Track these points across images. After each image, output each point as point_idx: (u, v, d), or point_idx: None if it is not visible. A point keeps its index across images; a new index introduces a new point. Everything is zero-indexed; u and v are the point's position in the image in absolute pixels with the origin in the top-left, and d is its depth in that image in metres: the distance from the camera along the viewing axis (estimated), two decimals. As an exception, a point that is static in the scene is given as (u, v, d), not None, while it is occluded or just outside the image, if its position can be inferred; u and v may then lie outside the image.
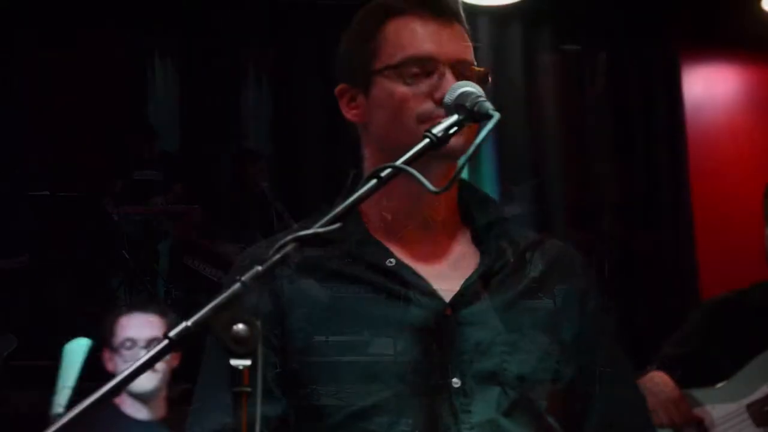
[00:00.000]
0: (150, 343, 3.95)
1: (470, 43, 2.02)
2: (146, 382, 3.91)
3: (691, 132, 5.40)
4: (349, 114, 2.05)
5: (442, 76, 1.95)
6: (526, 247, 2.08)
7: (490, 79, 1.99)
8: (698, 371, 3.80)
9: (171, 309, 4.05)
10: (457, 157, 1.88)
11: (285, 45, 4.93)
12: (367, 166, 2.05)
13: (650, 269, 4.99)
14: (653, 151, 5.24)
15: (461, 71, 1.96)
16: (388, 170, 1.74)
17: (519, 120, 4.99)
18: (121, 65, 5.29)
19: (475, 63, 2.00)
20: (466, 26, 2.02)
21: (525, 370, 1.94)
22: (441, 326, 1.95)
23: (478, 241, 2.06)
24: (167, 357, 2.50)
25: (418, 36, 1.99)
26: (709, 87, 5.68)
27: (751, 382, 3.85)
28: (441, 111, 1.89)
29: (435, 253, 2.04)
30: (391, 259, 1.99)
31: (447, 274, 2.01)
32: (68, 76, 4.96)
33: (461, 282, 1.98)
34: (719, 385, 3.88)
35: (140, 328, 4.02)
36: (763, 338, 3.88)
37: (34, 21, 4.79)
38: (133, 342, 3.99)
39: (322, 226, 1.69)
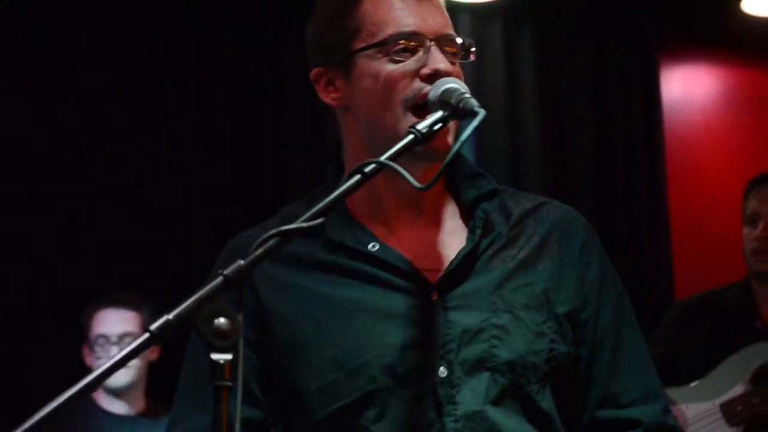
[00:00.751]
0: (122, 339, 3.92)
1: (448, 18, 1.99)
2: (120, 377, 3.88)
3: (668, 131, 5.41)
4: (328, 98, 2.00)
5: (428, 51, 1.91)
6: (521, 215, 2.01)
7: (473, 52, 1.97)
8: (673, 370, 3.82)
9: (152, 302, 4.00)
10: (441, 159, 1.85)
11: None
12: (349, 153, 2.02)
13: (626, 268, 4.99)
14: (631, 150, 5.24)
15: (446, 45, 1.93)
16: (373, 165, 1.73)
17: (499, 118, 4.98)
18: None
19: (457, 39, 1.97)
20: (443, 1, 1.99)
21: (515, 355, 1.88)
22: (427, 312, 1.90)
23: (467, 218, 2.01)
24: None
25: (399, 11, 1.93)
26: (687, 87, 5.69)
27: (725, 382, 3.87)
28: (428, 88, 1.87)
29: (423, 233, 1.99)
30: (374, 243, 1.95)
31: (435, 256, 1.96)
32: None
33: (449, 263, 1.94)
34: (693, 384, 3.90)
35: (113, 325, 3.99)
36: (737, 338, 3.90)
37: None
38: (106, 338, 3.97)
39: (305, 221, 1.67)
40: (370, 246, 1.93)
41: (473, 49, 1.98)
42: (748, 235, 4.01)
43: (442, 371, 1.87)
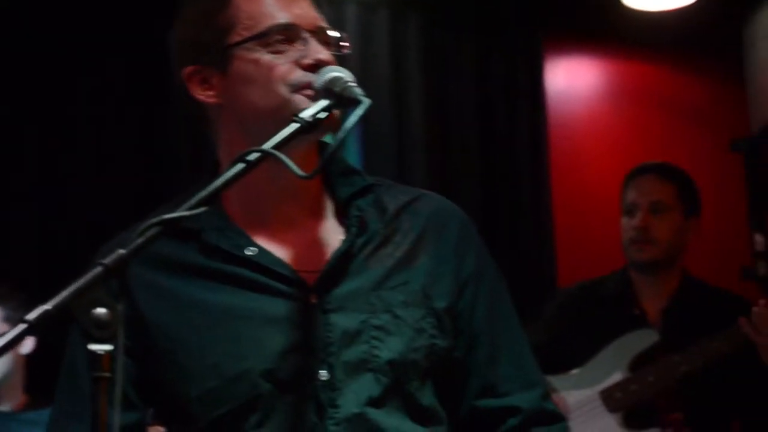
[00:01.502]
0: None
1: (318, 12, 2.00)
2: None
3: (552, 122, 5.47)
4: (203, 96, 1.98)
5: (306, 42, 1.91)
6: (397, 211, 2.01)
7: (347, 45, 1.97)
8: (554, 358, 3.88)
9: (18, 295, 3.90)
10: (334, 131, 1.84)
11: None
12: (226, 150, 2.00)
13: (509, 257, 5.04)
14: (515, 140, 5.29)
15: (322, 38, 1.94)
16: (256, 154, 1.72)
17: (385, 107, 4.99)
18: None
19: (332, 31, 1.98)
20: None
21: (396, 354, 1.88)
22: (307, 316, 1.89)
23: (343, 216, 2.00)
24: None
25: (273, 6, 1.93)
26: (571, 78, 5.77)
27: (605, 369, 3.94)
28: (312, 76, 1.87)
29: (300, 234, 1.98)
30: (252, 248, 1.93)
31: (314, 256, 1.95)
32: None
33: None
34: (574, 371, 3.97)
35: None
36: (617, 326, 3.98)
37: None
38: None
39: (187, 209, 1.65)
40: (247, 250, 1.92)
41: (346, 43, 1.99)
42: (627, 225, 4.09)
43: (324, 374, 1.87)
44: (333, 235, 1.97)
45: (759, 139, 5.52)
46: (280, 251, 1.94)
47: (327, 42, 1.95)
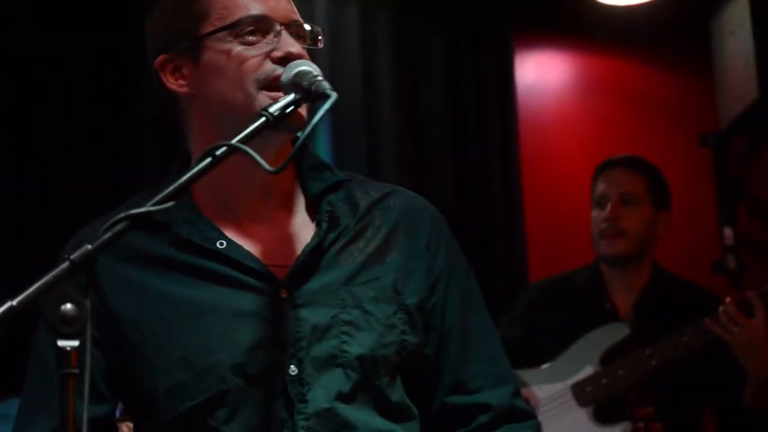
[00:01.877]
0: None
1: (294, 6, 1.99)
2: None
3: (522, 116, 5.47)
4: (175, 85, 1.97)
5: (278, 35, 1.91)
6: (368, 207, 2.01)
7: (321, 39, 1.97)
8: (526, 353, 3.88)
9: None
10: (296, 130, 1.84)
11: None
12: (197, 142, 1.99)
13: (480, 252, 5.04)
14: (486, 134, 5.29)
15: (296, 31, 1.93)
16: (223, 149, 1.71)
17: (355, 101, 4.98)
18: None
19: (305, 25, 1.97)
20: None
21: (365, 350, 1.88)
22: (277, 310, 1.88)
23: (314, 211, 2.00)
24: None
25: None
26: (540, 72, 5.77)
27: (575, 363, 3.95)
28: (282, 70, 1.86)
29: (271, 228, 1.97)
30: (222, 241, 1.92)
31: (285, 251, 1.95)
32: None
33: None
34: (545, 365, 3.98)
35: None
36: (588, 320, 3.99)
37: None
38: None
39: (154, 205, 1.64)
40: (218, 243, 1.91)
41: (321, 37, 1.98)
42: (597, 217, 4.10)
43: (293, 369, 1.87)
44: (303, 230, 1.97)
45: (728, 134, 5.55)
46: (250, 245, 1.93)
47: (301, 35, 1.95)
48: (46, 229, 4.54)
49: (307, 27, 1.98)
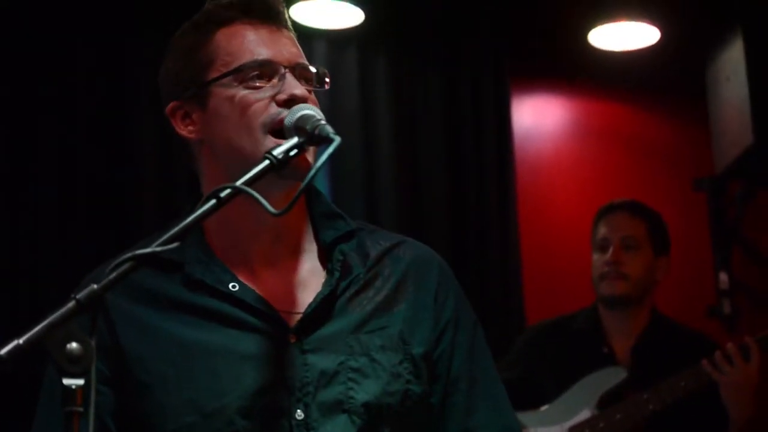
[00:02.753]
0: None
1: (301, 50, 2.01)
2: None
3: (519, 159, 5.50)
4: (185, 131, 1.99)
5: (282, 78, 1.92)
6: (378, 257, 2.03)
7: (328, 81, 1.99)
8: (523, 395, 3.89)
9: None
10: (301, 177, 1.86)
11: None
12: (207, 185, 2.01)
13: (478, 294, 5.05)
14: (484, 177, 5.30)
15: (301, 74, 1.95)
16: (228, 190, 1.73)
17: (354, 143, 5.00)
18: None
19: (311, 67, 1.99)
20: (294, 34, 2.01)
21: (371, 397, 1.89)
22: (285, 355, 1.89)
23: (326, 258, 2.02)
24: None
25: (252, 41, 1.94)
26: (537, 116, 5.81)
27: (574, 406, 3.95)
28: (286, 112, 1.88)
29: (282, 274, 1.98)
30: (234, 284, 1.94)
31: (295, 297, 1.96)
32: None
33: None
34: (543, 408, 3.98)
35: None
36: (585, 363, 3.99)
37: None
38: None
39: (159, 245, 1.66)
40: (230, 285, 1.93)
41: (327, 78, 2.00)
42: (598, 261, 4.11)
43: (299, 414, 1.87)
44: (314, 276, 1.98)
45: (723, 179, 5.57)
46: (261, 289, 1.94)
47: (306, 78, 1.96)
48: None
49: (313, 69, 1.99)
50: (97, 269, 1.96)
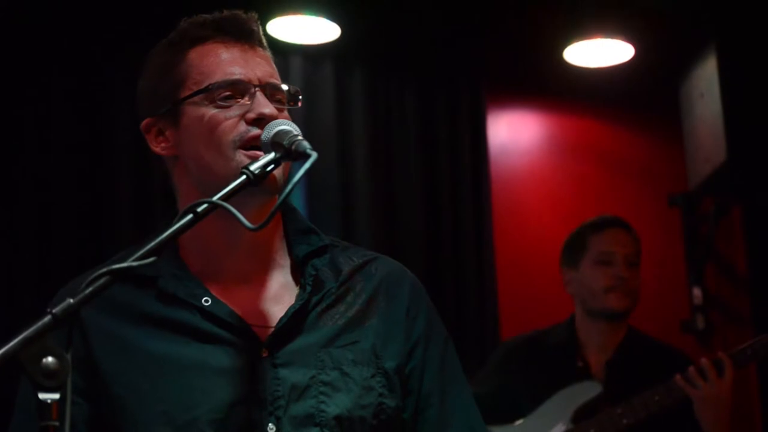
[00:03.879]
0: None
1: (275, 68, 2.02)
2: None
3: (494, 175, 5.52)
4: (158, 148, 2.01)
5: (253, 96, 1.93)
6: (350, 272, 2.04)
7: (300, 99, 2.00)
8: (498, 409, 3.89)
9: None
10: (276, 192, 1.87)
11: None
12: (182, 201, 2.01)
13: (453, 310, 5.06)
14: (459, 193, 5.32)
15: (272, 93, 1.96)
16: (205, 205, 1.73)
17: (330, 158, 5.01)
18: None
19: (282, 85, 2.00)
20: (269, 52, 2.02)
21: (342, 410, 1.90)
22: (257, 369, 1.90)
23: (299, 273, 2.03)
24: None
25: (224, 60, 1.95)
26: (513, 132, 5.83)
27: (548, 420, 3.96)
28: (256, 130, 1.89)
29: (256, 289, 2.00)
30: (207, 298, 1.94)
31: (267, 312, 1.97)
32: None
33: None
34: (518, 422, 3.99)
35: None
36: (560, 377, 4.01)
37: None
38: None
39: (136, 260, 1.66)
40: (203, 300, 1.94)
41: (300, 97, 2.01)
42: (602, 273, 4.07)
43: (271, 427, 1.89)
44: (287, 292, 2.00)
45: (696, 195, 5.61)
46: (234, 304, 1.95)
47: (277, 97, 1.97)
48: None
49: (285, 87, 2.00)
50: (71, 282, 1.96)
